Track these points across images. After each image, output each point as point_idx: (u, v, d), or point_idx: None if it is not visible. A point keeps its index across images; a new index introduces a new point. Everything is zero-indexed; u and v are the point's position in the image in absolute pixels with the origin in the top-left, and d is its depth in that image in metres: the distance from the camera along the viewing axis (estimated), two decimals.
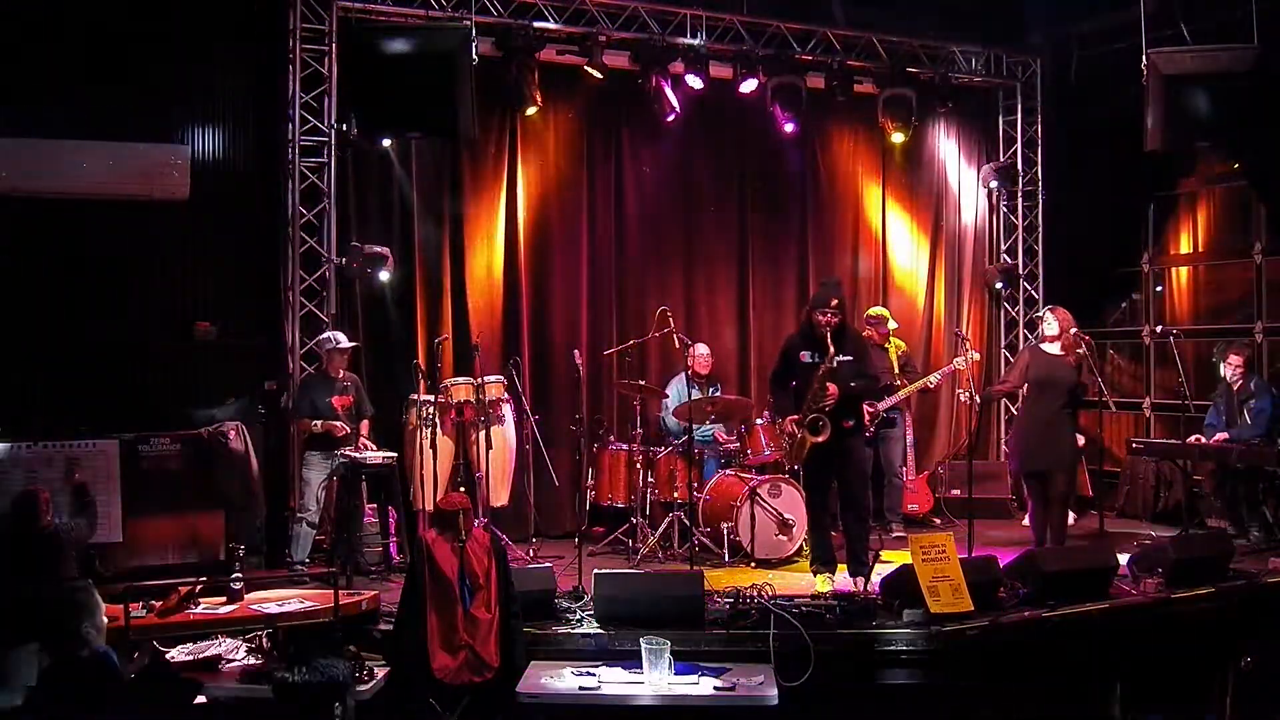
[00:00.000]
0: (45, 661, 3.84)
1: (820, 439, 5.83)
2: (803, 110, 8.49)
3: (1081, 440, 7.39)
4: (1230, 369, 7.46)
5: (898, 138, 8.98)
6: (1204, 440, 7.42)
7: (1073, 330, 6.65)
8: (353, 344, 6.86)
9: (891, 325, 7.99)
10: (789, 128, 8.54)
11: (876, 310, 8.10)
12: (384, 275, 7.48)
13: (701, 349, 7.76)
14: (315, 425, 6.57)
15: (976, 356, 7.72)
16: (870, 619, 5.31)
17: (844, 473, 6.05)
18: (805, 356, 6.00)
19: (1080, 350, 6.64)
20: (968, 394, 6.82)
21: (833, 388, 5.81)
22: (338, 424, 6.55)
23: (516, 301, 8.02)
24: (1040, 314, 8.47)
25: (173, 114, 7.23)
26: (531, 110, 7.84)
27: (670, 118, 8.08)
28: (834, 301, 5.95)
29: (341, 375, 6.78)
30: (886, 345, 7.88)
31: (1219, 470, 7.57)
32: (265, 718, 4.43)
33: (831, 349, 5.84)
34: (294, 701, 3.93)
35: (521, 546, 7.05)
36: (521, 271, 8.04)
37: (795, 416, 5.94)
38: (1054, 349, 6.68)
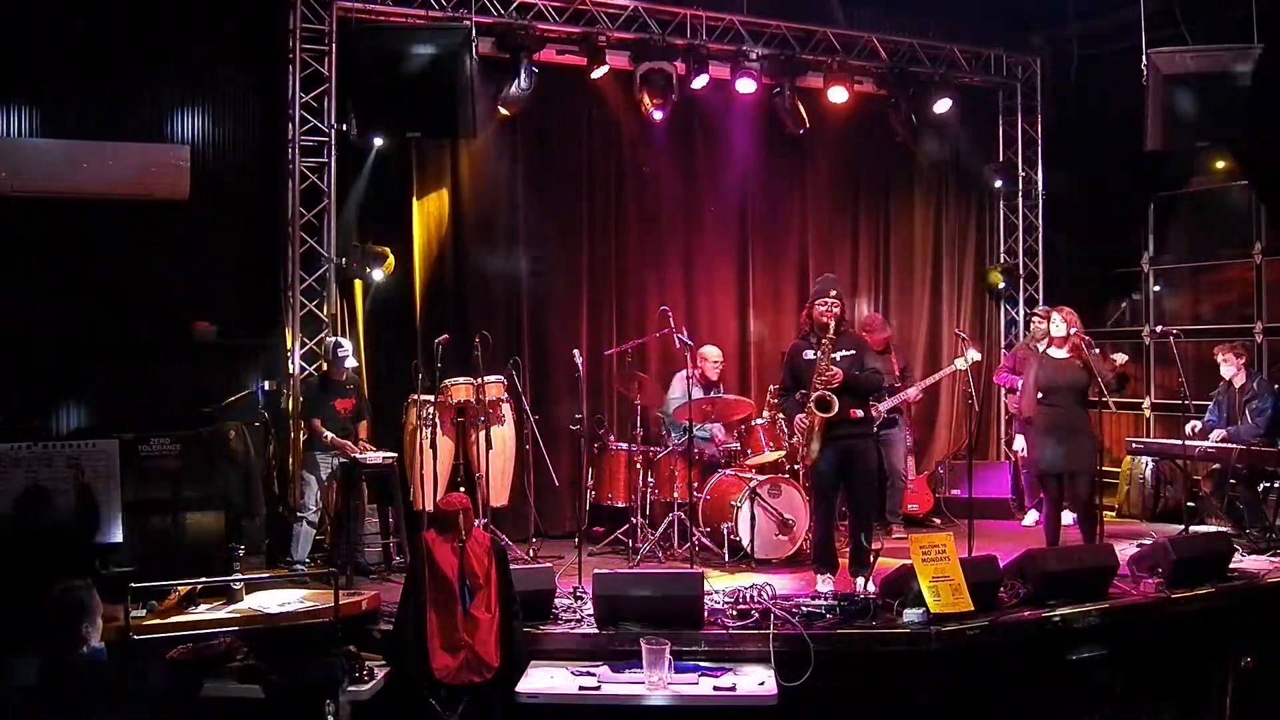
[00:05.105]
0: (43, 660, 3.83)
1: (830, 415, 5.82)
2: (801, 111, 8.51)
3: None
4: (1229, 367, 7.46)
5: (897, 138, 8.99)
6: (1199, 427, 7.41)
7: (1063, 330, 6.62)
8: (354, 364, 6.89)
9: (886, 334, 7.99)
10: (787, 128, 8.56)
11: (873, 316, 8.12)
12: (383, 275, 7.49)
13: (712, 352, 7.69)
14: (326, 437, 6.59)
15: (977, 356, 7.70)
16: (870, 619, 5.30)
17: (852, 480, 6.05)
18: (809, 354, 6.02)
19: (1091, 352, 6.59)
20: (970, 395, 6.78)
21: (837, 370, 5.84)
22: (349, 444, 6.60)
23: (516, 301, 8.02)
24: (1037, 313, 8.51)
25: (173, 114, 7.23)
26: (531, 110, 7.84)
27: (656, 116, 8.05)
28: (833, 293, 6.02)
29: (344, 377, 6.80)
30: (886, 350, 7.87)
31: (1219, 470, 7.57)
32: (260, 718, 4.43)
33: (830, 335, 5.88)
34: (285, 702, 3.94)
35: (521, 546, 7.04)
36: (521, 272, 8.03)
37: (806, 404, 5.91)
38: (1059, 352, 6.59)
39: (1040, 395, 6.62)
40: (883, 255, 9.38)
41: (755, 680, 4.73)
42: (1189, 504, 7.79)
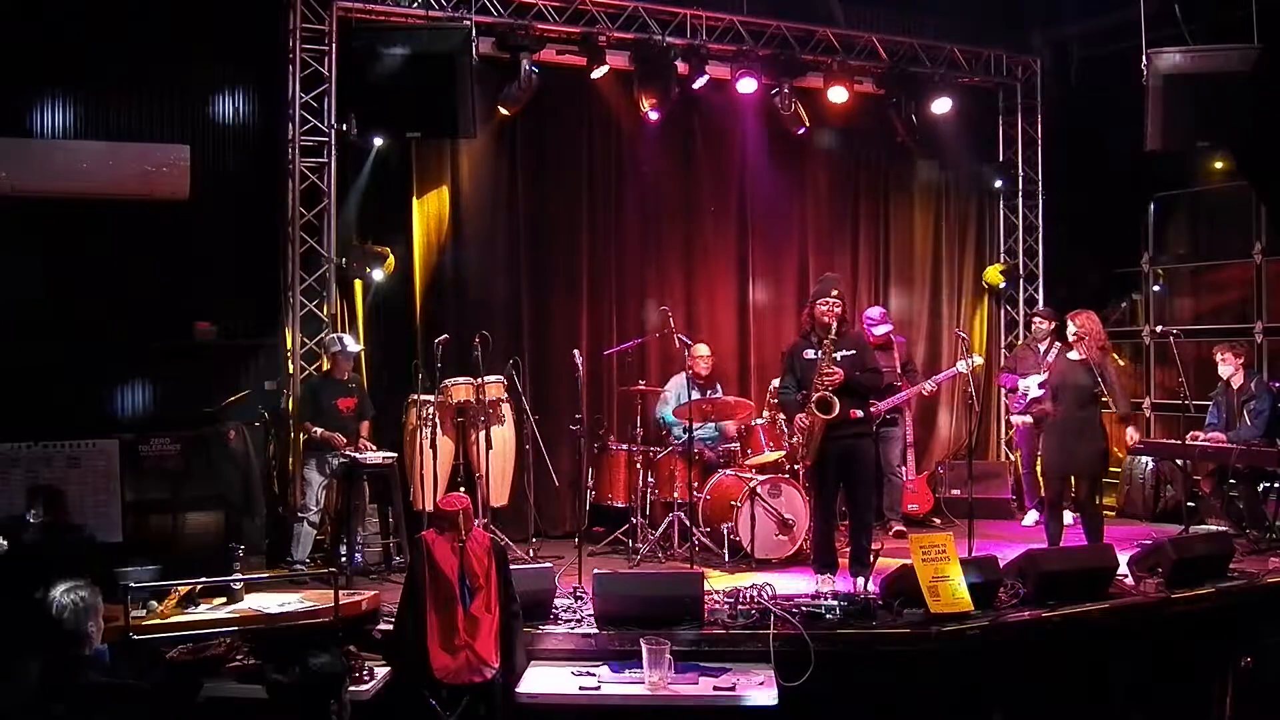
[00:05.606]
0: (46, 661, 3.84)
1: (831, 417, 5.82)
2: (801, 111, 8.51)
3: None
4: (1227, 367, 7.47)
5: (896, 138, 8.99)
6: (1201, 436, 7.41)
7: (1075, 333, 6.62)
8: (358, 349, 6.88)
9: (888, 328, 7.99)
10: (787, 128, 8.56)
11: (875, 310, 8.12)
12: (383, 275, 7.48)
13: (701, 349, 7.73)
14: (316, 433, 6.59)
15: (979, 361, 7.69)
16: (870, 619, 5.30)
17: (852, 480, 6.05)
18: (809, 354, 6.02)
19: (1104, 354, 6.59)
20: (970, 395, 6.78)
21: (838, 371, 5.84)
22: (338, 436, 6.60)
23: (516, 301, 8.01)
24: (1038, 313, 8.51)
25: (173, 114, 7.23)
26: (531, 109, 7.83)
27: (655, 115, 8.06)
28: (835, 292, 6.03)
29: (346, 377, 6.80)
30: (888, 345, 7.86)
31: (1219, 470, 7.57)
32: (263, 717, 4.43)
33: (832, 335, 5.89)
34: (289, 701, 3.93)
35: (521, 546, 7.05)
36: (522, 271, 8.03)
37: (807, 404, 5.92)
38: (1073, 354, 6.62)
39: (1051, 395, 6.71)
40: (883, 255, 9.38)
41: (755, 680, 4.73)
42: (1189, 504, 7.80)
